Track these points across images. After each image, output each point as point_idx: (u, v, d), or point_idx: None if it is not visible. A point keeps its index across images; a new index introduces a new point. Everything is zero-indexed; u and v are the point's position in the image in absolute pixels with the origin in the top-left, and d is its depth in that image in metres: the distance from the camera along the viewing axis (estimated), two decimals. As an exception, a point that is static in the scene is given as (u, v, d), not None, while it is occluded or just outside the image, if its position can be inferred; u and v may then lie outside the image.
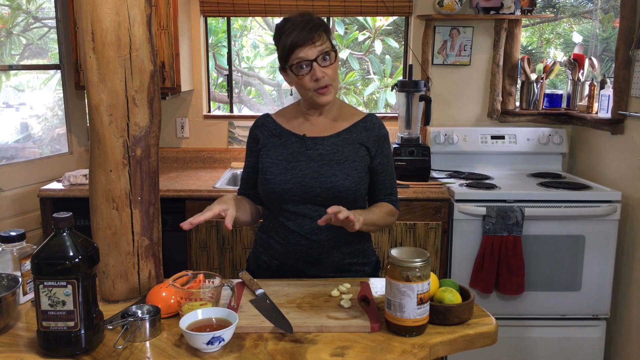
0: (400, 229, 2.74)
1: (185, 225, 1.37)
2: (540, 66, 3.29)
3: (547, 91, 3.30)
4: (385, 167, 1.68)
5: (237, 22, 4.46)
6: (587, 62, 3.17)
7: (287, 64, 1.56)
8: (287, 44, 1.53)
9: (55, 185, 2.78)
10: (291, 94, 1.80)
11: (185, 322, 1.22)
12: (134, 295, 1.49)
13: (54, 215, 1.19)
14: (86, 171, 2.79)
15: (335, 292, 1.47)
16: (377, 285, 1.56)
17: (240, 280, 1.54)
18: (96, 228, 1.46)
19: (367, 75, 4.72)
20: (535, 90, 3.26)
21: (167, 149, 3.40)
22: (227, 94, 3.51)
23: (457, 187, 2.78)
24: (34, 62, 3.39)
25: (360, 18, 4.48)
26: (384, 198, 1.70)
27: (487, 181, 2.92)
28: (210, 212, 1.42)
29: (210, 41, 3.57)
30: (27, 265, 1.45)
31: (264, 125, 1.70)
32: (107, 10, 1.36)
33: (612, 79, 2.80)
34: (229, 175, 3.12)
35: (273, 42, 1.64)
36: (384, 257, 2.76)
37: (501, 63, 3.27)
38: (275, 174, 1.61)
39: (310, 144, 1.63)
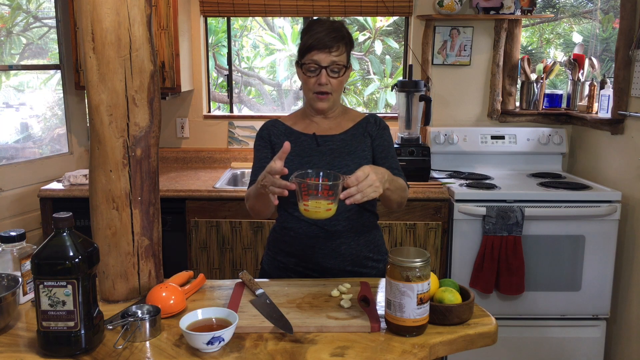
0: (400, 229, 2.74)
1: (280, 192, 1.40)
2: (540, 66, 3.29)
3: (547, 91, 3.30)
4: (385, 148, 1.73)
5: (237, 22, 4.45)
6: (587, 62, 3.17)
7: (301, 61, 1.66)
8: (307, 43, 1.62)
9: (55, 185, 2.79)
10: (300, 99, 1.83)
11: (185, 322, 1.22)
12: (134, 295, 1.49)
13: (54, 215, 1.19)
14: (86, 171, 2.79)
15: (335, 292, 1.47)
16: (377, 285, 1.56)
17: (240, 280, 1.54)
18: (96, 228, 1.46)
19: (367, 75, 4.72)
20: (535, 90, 3.25)
21: (167, 149, 3.40)
22: (227, 94, 3.51)
23: (457, 187, 2.78)
24: (34, 62, 3.39)
25: (361, 18, 4.48)
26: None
27: (487, 181, 2.92)
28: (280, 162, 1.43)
29: (210, 41, 3.57)
30: (27, 265, 1.45)
31: (273, 127, 1.78)
32: (107, 10, 1.36)
33: (612, 79, 2.80)
34: (229, 175, 3.12)
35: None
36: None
37: (501, 63, 3.27)
38: (290, 170, 1.61)
39: (321, 141, 1.72)
